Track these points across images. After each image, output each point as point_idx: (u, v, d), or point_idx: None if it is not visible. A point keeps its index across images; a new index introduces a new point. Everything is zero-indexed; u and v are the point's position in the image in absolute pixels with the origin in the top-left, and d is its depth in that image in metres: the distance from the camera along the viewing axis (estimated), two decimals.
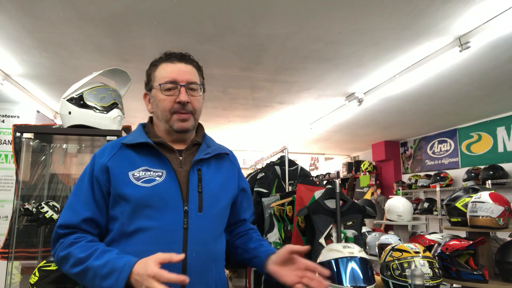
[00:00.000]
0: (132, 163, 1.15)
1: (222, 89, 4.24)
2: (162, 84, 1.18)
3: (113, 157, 1.16)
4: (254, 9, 2.49)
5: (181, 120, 1.19)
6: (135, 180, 1.12)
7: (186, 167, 1.19)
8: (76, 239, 1.10)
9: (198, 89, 1.23)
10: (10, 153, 4.26)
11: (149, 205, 1.10)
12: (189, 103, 1.19)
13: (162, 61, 1.22)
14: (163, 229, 1.09)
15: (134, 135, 1.22)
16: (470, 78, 3.65)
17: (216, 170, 1.24)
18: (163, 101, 1.18)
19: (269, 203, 3.19)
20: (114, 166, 1.14)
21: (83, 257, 1.04)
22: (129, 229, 1.10)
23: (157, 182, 1.12)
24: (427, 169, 6.46)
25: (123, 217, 1.12)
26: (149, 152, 1.18)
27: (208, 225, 1.16)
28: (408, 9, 2.47)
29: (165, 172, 1.15)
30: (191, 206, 1.13)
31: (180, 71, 1.19)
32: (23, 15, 2.56)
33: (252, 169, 5.32)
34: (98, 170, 1.15)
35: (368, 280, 1.72)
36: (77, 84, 1.93)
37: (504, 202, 2.40)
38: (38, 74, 3.70)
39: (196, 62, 1.28)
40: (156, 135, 1.22)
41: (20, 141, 2.01)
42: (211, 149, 1.25)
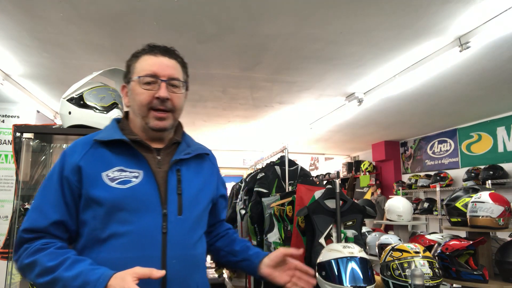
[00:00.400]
0: (106, 163, 1.07)
1: (222, 89, 4.24)
2: (142, 77, 1.10)
3: (85, 155, 1.07)
4: (254, 9, 2.49)
5: (158, 119, 1.10)
6: (109, 181, 1.04)
7: (164, 168, 1.11)
8: (44, 245, 1.00)
9: (180, 86, 1.14)
10: (10, 153, 4.26)
11: (125, 208, 1.02)
12: (169, 100, 1.10)
13: (144, 53, 1.14)
14: (140, 234, 1.02)
15: (107, 131, 1.13)
16: (470, 78, 3.65)
17: (196, 171, 1.18)
18: (141, 95, 1.10)
19: (269, 203, 3.19)
20: (86, 166, 1.05)
21: (52, 266, 0.95)
22: (102, 235, 1.02)
23: (133, 184, 1.04)
24: (427, 169, 6.46)
25: (95, 221, 1.03)
26: (124, 150, 1.09)
27: (189, 229, 1.09)
28: (408, 9, 2.47)
29: (142, 173, 1.07)
30: (171, 209, 1.06)
31: (162, 65, 1.11)
32: (23, 15, 2.56)
33: (252, 169, 5.32)
34: (68, 170, 1.06)
35: (368, 280, 1.72)
36: (77, 84, 1.93)
37: (504, 202, 2.40)
38: (38, 74, 3.70)
39: (181, 58, 1.19)
40: (132, 132, 1.14)
41: (20, 141, 2.01)
42: (191, 149, 1.18)
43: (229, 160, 9.04)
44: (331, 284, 1.73)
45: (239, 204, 4.17)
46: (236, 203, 4.35)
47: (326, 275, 1.76)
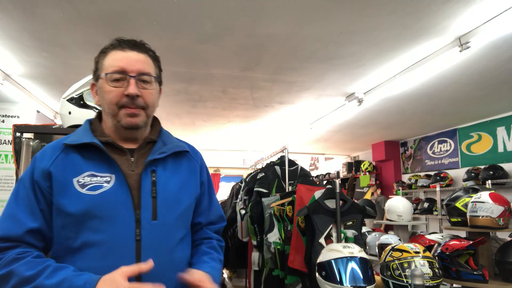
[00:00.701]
0: (77, 168, 1.01)
1: (222, 89, 4.24)
2: (109, 74, 1.03)
3: (56, 161, 1.02)
4: (254, 9, 2.49)
5: (130, 115, 1.04)
6: (80, 187, 0.98)
7: (138, 170, 1.05)
8: (19, 255, 0.94)
9: (152, 82, 1.07)
10: (10, 153, 4.26)
11: (96, 216, 0.97)
12: (140, 97, 1.04)
13: (112, 48, 1.08)
14: (112, 242, 0.97)
15: (78, 134, 1.07)
16: (470, 78, 3.65)
17: (173, 170, 1.11)
18: (110, 93, 1.03)
19: (269, 203, 3.19)
20: (56, 172, 1.00)
21: (31, 276, 0.89)
22: (75, 244, 0.97)
23: (104, 189, 0.99)
24: (427, 169, 6.46)
25: (67, 230, 0.98)
26: (95, 154, 1.03)
27: (165, 234, 1.03)
28: (408, 9, 2.47)
29: (114, 177, 1.01)
30: (144, 214, 1.01)
31: (131, 60, 1.04)
32: (23, 15, 2.56)
33: (252, 169, 5.32)
34: (39, 176, 1.00)
35: (368, 280, 1.72)
36: (77, 84, 1.93)
37: (504, 202, 2.40)
38: (38, 74, 3.70)
39: (152, 51, 1.12)
40: (103, 134, 1.08)
41: (20, 141, 2.01)
42: (167, 147, 1.10)
43: (229, 160, 9.05)
44: (331, 284, 1.73)
45: (239, 204, 4.17)
46: (236, 203, 4.36)
47: (326, 275, 1.76)
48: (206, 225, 1.23)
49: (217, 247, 1.22)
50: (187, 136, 6.88)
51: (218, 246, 1.23)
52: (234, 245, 4.31)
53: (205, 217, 1.23)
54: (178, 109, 5.14)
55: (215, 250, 1.20)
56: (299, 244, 2.39)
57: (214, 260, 1.15)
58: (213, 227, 1.26)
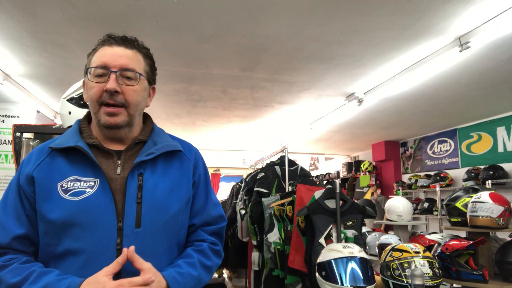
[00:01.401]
0: (61, 172, 0.97)
1: (222, 89, 4.24)
2: (92, 69, 1.00)
3: (40, 165, 0.99)
4: (254, 9, 2.49)
5: (109, 114, 0.99)
6: (63, 192, 0.95)
7: (124, 173, 1.00)
8: (7, 262, 0.92)
9: (136, 78, 1.01)
10: (10, 153, 4.26)
11: (76, 223, 0.93)
12: (120, 94, 0.98)
13: (102, 44, 1.05)
14: (93, 251, 0.92)
15: (65, 136, 1.03)
16: (470, 78, 3.65)
17: (163, 172, 1.04)
18: (91, 89, 0.99)
19: (269, 203, 3.19)
20: (40, 177, 0.97)
21: (16, 282, 0.88)
22: (57, 251, 0.95)
23: (86, 195, 0.94)
24: (427, 169, 6.46)
25: (49, 236, 0.95)
26: (80, 157, 0.98)
27: (149, 243, 0.97)
28: (408, 9, 2.47)
29: (98, 182, 0.96)
30: (127, 222, 0.95)
31: (115, 55, 1.00)
32: (23, 15, 2.56)
33: (252, 169, 5.32)
34: (23, 181, 0.98)
35: (368, 280, 1.72)
36: (77, 84, 1.93)
37: (504, 202, 2.40)
38: (38, 74, 3.70)
39: (145, 48, 1.08)
40: (90, 135, 1.04)
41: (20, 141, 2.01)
42: (156, 148, 1.04)
43: (229, 160, 9.05)
44: (331, 284, 1.73)
45: (239, 204, 4.17)
46: (236, 203, 4.36)
47: (326, 275, 1.76)
48: (201, 227, 1.14)
49: (206, 250, 1.10)
50: (187, 136, 6.88)
51: (208, 249, 1.11)
52: (234, 245, 4.32)
53: (199, 218, 1.13)
54: (178, 109, 5.15)
55: (200, 253, 1.08)
56: (299, 244, 2.39)
57: (190, 265, 1.03)
58: (209, 229, 1.15)
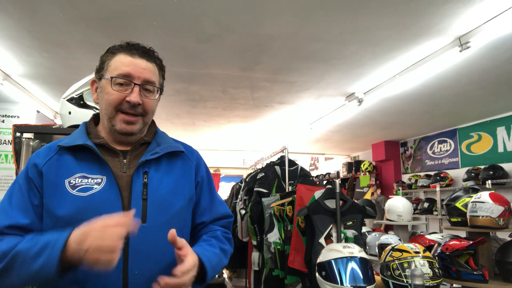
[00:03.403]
0: (68, 169, 1.01)
1: (222, 89, 4.24)
2: (114, 78, 1.03)
3: (49, 162, 1.03)
4: (254, 9, 2.49)
5: (126, 122, 1.04)
6: (71, 188, 0.98)
7: (130, 171, 1.04)
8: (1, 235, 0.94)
9: (154, 91, 1.08)
10: (10, 153, 4.26)
11: (83, 219, 0.93)
12: (140, 105, 1.04)
13: (121, 50, 1.06)
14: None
15: (73, 136, 1.08)
16: (470, 78, 3.65)
17: (167, 171, 1.09)
18: (110, 95, 1.03)
19: (269, 203, 3.19)
20: (48, 172, 1.01)
21: (9, 248, 0.88)
22: None
23: (94, 191, 0.98)
24: (427, 169, 6.46)
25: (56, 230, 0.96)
26: (87, 155, 1.03)
27: (154, 237, 1.00)
28: (408, 9, 2.47)
29: (105, 179, 1.01)
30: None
31: (138, 68, 1.04)
32: (23, 15, 2.56)
33: (252, 169, 5.33)
34: (33, 173, 1.02)
35: (368, 280, 1.72)
36: (77, 84, 1.94)
37: (504, 202, 2.40)
38: (38, 74, 3.70)
39: (160, 60, 1.12)
40: (97, 135, 1.08)
41: (20, 141, 2.01)
42: (160, 148, 1.09)
43: (229, 160, 9.05)
44: (331, 284, 1.73)
45: (239, 204, 4.17)
46: (236, 203, 4.36)
47: (326, 275, 1.76)
48: (211, 222, 1.20)
49: (221, 236, 1.17)
50: (187, 136, 6.88)
51: (222, 236, 1.18)
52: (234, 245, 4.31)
53: (208, 215, 1.20)
54: (178, 109, 5.15)
55: (216, 238, 1.15)
56: (299, 244, 2.39)
57: (210, 245, 1.10)
58: (219, 222, 1.22)
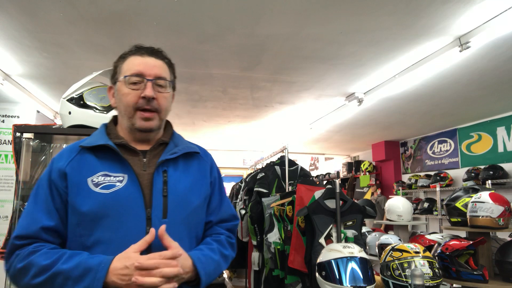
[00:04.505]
0: (91, 168, 1.06)
1: (222, 89, 4.24)
2: (128, 77, 1.09)
3: (71, 162, 1.08)
4: (254, 9, 2.49)
5: (144, 119, 1.10)
6: (94, 186, 1.03)
7: (150, 170, 1.10)
8: (36, 248, 0.99)
9: (166, 86, 1.13)
10: (10, 153, 4.26)
11: (108, 214, 1.01)
12: (155, 100, 1.09)
13: (131, 54, 1.14)
14: (124, 239, 1.00)
15: (94, 137, 1.13)
16: (470, 78, 3.65)
17: (184, 170, 1.15)
18: (127, 95, 1.09)
19: (269, 203, 3.19)
20: (72, 172, 1.06)
21: (49, 264, 0.95)
22: (88, 241, 1.02)
23: (117, 188, 1.03)
24: (427, 169, 6.46)
25: (81, 228, 1.03)
26: (109, 155, 1.08)
27: (174, 232, 1.05)
28: (408, 9, 2.47)
29: (126, 177, 1.06)
30: (155, 212, 1.04)
31: (148, 65, 1.11)
32: (23, 15, 2.56)
33: (252, 169, 5.32)
34: (56, 176, 1.06)
35: (368, 280, 1.72)
36: (77, 84, 1.94)
37: (504, 202, 2.40)
38: (38, 74, 3.70)
39: (168, 59, 1.19)
40: (117, 136, 1.14)
41: (20, 141, 2.01)
42: (178, 149, 1.15)
43: (229, 160, 9.05)
44: (331, 284, 1.73)
45: (239, 204, 4.17)
46: (236, 203, 4.36)
47: (326, 275, 1.76)
48: (217, 223, 1.25)
49: (224, 241, 1.21)
50: (187, 136, 6.78)
51: (225, 241, 1.22)
52: None
53: (215, 215, 1.24)
54: (178, 109, 5.14)
55: (218, 243, 1.19)
56: (299, 244, 2.39)
57: (210, 250, 1.13)
58: (224, 225, 1.26)
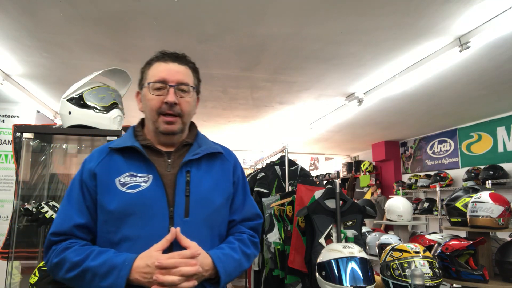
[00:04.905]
0: (118, 169, 1.13)
1: (222, 89, 4.24)
2: (151, 83, 1.15)
3: (101, 163, 1.15)
4: (254, 9, 2.49)
5: (167, 123, 1.15)
6: (121, 186, 1.10)
7: (174, 170, 1.14)
8: (69, 244, 1.08)
9: (189, 91, 1.18)
10: (10, 153, 4.26)
11: (134, 213, 1.07)
12: (177, 105, 1.14)
13: (156, 60, 1.19)
14: (148, 237, 1.06)
15: (122, 139, 1.19)
16: (470, 78, 3.65)
17: (207, 171, 1.19)
18: (151, 101, 1.15)
19: (269, 203, 3.19)
20: (101, 173, 1.13)
21: (79, 260, 1.03)
22: (115, 238, 1.08)
23: (142, 188, 1.09)
24: (427, 169, 6.46)
25: (108, 225, 1.10)
26: (135, 156, 1.14)
27: (196, 231, 1.10)
28: (408, 9, 2.47)
29: (151, 177, 1.11)
30: (177, 211, 1.09)
31: (171, 71, 1.16)
32: (23, 15, 2.56)
33: (252, 169, 5.32)
34: (86, 176, 1.14)
35: (368, 280, 1.72)
36: (77, 84, 1.93)
37: (504, 202, 2.40)
38: (38, 74, 3.70)
39: (192, 63, 1.23)
40: (144, 138, 1.19)
41: (20, 141, 2.01)
42: (201, 149, 1.19)
43: None
44: (331, 284, 1.73)
45: None
46: None
47: (326, 275, 1.76)
48: (240, 222, 1.27)
49: (246, 240, 1.23)
50: None
51: (248, 239, 1.24)
52: None
53: (238, 214, 1.27)
54: None
55: (240, 241, 1.21)
56: (299, 244, 2.39)
57: (232, 249, 1.16)
58: (248, 224, 1.28)
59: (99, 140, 2.14)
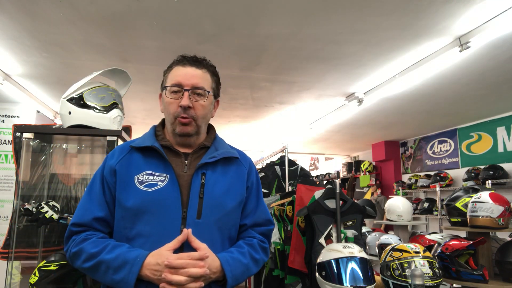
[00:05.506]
0: (138, 167, 1.16)
1: (222, 89, 4.17)
2: (168, 87, 1.19)
3: (121, 160, 1.19)
4: (254, 9, 2.49)
5: (182, 124, 1.18)
6: (139, 184, 1.13)
7: (190, 171, 1.17)
8: (88, 236, 1.13)
9: (205, 95, 1.20)
10: (10, 153, 4.26)
11: (148, 211, 1.11)
12: (192, 108, 1.17)
13: (176, 63, 1.23)
14: (160, 235, 1.09)
15: (143, 138, 1.23)
16: (470, 78, 3.65)
17: (222, 174, 1.21)
18: (169, 104, 1.19)
19: (269, 203, 3.19)
20: (121, 170, 1.17)
21: (95, 252, 1.07)
22: (130, 233, 1.12)
23: (158, 187, 1.12)
24: (427, 169, 6.46)
25: (125, 221, 1.13)
26: (154, 155, 1.18)
27: (207, 233, 1.12)
28: (408, 9, 2.47)
29: (168, 177, 1.14)
30: (190, 212, 1.12)
31: (187, 75, 1.19)
32: (23, 15, 2.56)
33: None
34: (107, 172, 1.18)
35: (368, 280, 1.72)
36: (77, 84, 1.93)
37: (504, 202, 2.40)
38: (38, 74, 3.70)
39: (212, 67, 1.27)
40: (164, 138, 1.23)
41: (20, 141, 2.01)
42: (217, 153, 1.22)
43: None
44: (331, 284, 1.73)
45: None
46: None
47: (326, 275, 1.76)
48: (252, 227, 1.28)
49: (256, 245, 1.24)
50: None
51: (257, 245, 1.24)
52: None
53: (250, 218, 1.28)
54: None
55: (250, 246, 1.21)
56: (299, 244, 2.39)
57: (241, 253, 1.17)
58: (259, 229, 1.29)
59: (99, 140, 2.14)
